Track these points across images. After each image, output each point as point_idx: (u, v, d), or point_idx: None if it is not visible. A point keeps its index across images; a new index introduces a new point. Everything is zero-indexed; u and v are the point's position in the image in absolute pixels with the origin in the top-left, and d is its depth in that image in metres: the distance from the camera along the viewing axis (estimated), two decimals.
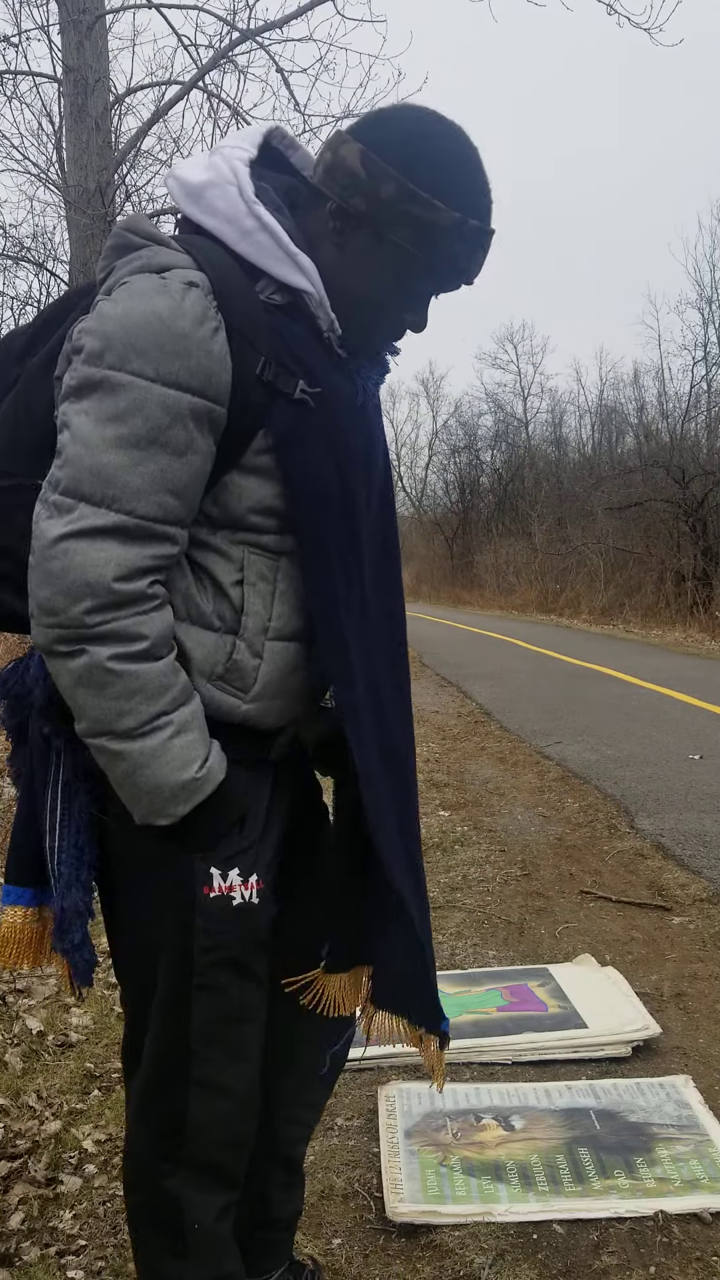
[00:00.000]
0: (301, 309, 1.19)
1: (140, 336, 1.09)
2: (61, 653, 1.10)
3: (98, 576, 1.08)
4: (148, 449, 1.10)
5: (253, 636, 1.21)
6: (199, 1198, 1.29)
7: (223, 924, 1.23)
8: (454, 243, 1.17)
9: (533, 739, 6.79)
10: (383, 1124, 2.17)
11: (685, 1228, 1.84)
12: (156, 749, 1.12)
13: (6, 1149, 2.12)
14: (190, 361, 1.10)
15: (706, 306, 26.30)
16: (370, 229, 1.18)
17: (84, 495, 1.09)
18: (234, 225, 1.17)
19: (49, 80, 8.09)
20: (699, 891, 3.65)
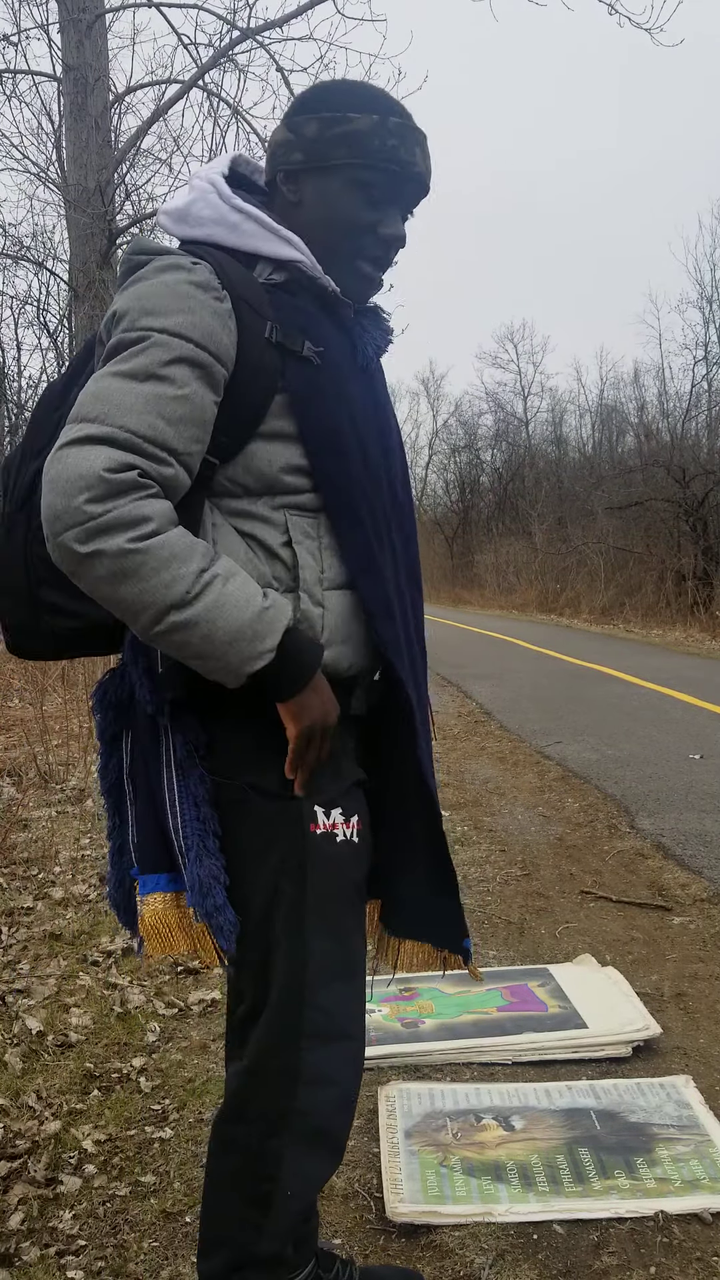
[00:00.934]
0: (299, 282, 1.31)
1: (151, 300, 1.21)
2: (81, 555, 1.13)
3: (88, 468, 1.13)
4: (145, 380, 1.17)
5: (311, 587, 1.29)
6: (300, 1163, 1.33)
7: (331, 859, 1.31)
8: (385, 139, 1.29)
9: (533, 739, 6.78)
10: (383, 1124, 2.17)
11: (685, 1228, 1.84)
12: (217, 599, 1.17)
13: (6, 1149, 2.12)
14: (193, 316, 1.20)
15: (707, 305, 26.36)
16: (315, 169, 1.32)
17: (83, 416, 1.17)
18: (222, 224, 1.30)
19: (49, 79, 8.08)
20: (699, 891, 3.65)
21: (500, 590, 28.17)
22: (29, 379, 15.48)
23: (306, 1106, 1.32)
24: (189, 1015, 2.72)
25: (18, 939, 3.26)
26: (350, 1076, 1.38)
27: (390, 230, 1.34)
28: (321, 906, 1.31)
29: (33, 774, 5.31)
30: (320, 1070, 1.33)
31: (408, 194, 1.34)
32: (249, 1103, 1.35)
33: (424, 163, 1.33)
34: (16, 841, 4.25)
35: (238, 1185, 1.35)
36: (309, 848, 1.30)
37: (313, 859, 1.30)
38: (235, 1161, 1.36)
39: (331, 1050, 1.33)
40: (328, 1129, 1.36)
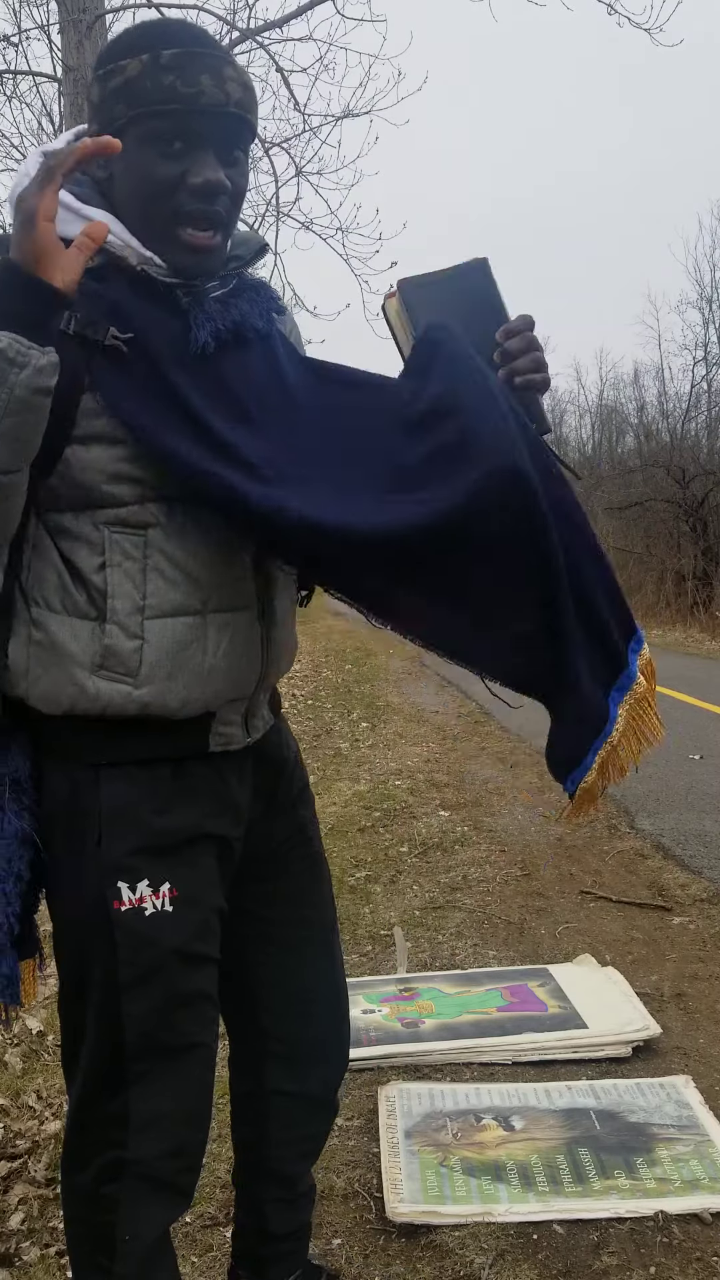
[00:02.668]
0: (116, 265, 1.15)
1: None
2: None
3: None
4: None
5: (125, 618, 1.15)
6: (136, 1207, 1.26)
7: (138, 935, 1.20)
8: (160, 78, 1.10)
9: (533, 739, 6.78)
10: (383, 1124, 2.17)
11: (685, 1228, 1.84)
12: None
13: (6, 1149, 2.12)
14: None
15: (707, 306, 26.28)
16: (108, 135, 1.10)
17: None
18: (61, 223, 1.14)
19: (49, 80, 8.08)
20: (699, 891, 3.65)
21: None
22: None
23: (137, 1155, 1.23)
24: None
25: None
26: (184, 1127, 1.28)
27: (201, 178, 1.13)
28: (135, 985, 1.20)
29: None
30: (149, 1120, 1.23)
31: (210, 130, 1.13)
32: (83, 1150, 1.26)
33: (218, 89, 1.11)
34: None
35: (86, 1233, 1.28)
36: (114, 926, 1.19)
37: (118, 937, 1.19)
38: (78, 1209, 1.29)
39: (161, 1098, 1.24)
40: (165, 1178, 1.26)
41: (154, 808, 1.21)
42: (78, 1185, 1.28)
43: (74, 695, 1.16)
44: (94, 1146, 1.25)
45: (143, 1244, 1.26)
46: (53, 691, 1.17)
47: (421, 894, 3.72)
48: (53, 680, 1.16)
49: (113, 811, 1.19)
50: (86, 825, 1.20)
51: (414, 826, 4.64)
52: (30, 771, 1.22)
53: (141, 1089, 1.23)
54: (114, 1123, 1.23)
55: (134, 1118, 1.23)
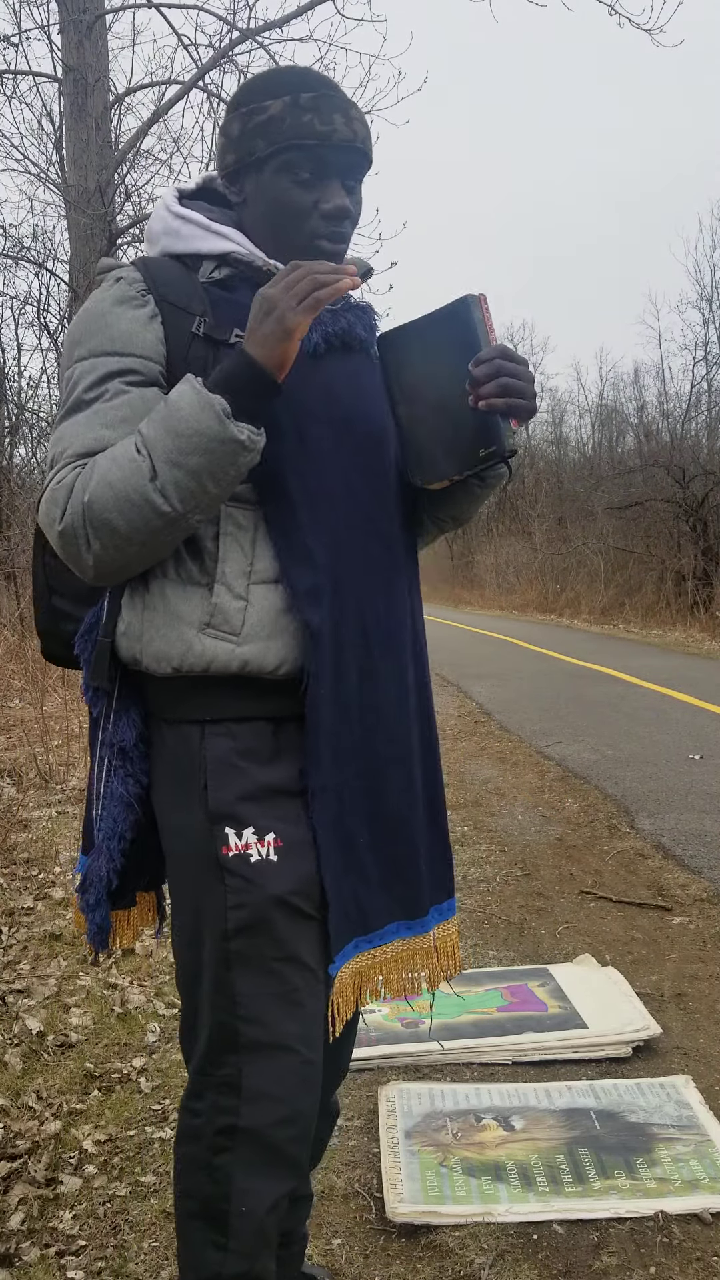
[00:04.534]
0: (240, 274, 1.32)
1: (74, 332, 1.28)
2: (96, 553, 1.20)
3: (50, 494, 1.22)
4: (82, 409, 1.24)
5: (232, 580, 1.26)
6: (251, 1180, 1.29)
7: (245, 879, 1.25)
8: (298, 117, 1.28)
9: (533, 739, 6.78)
10: (383, 1124, 2.17)
11: (685, 1228, 1.84)
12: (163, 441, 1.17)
13: (6, 1149, 2.12)
14: (111, 330, 1.25)
15: (707, 306, 26.33)
16: (246, 166, 1.32)
17: (50, 465, 1.24)
18: (168, 234, 1.34)
19: (49, 80, 8.09)
20: (699, 891, 3.65)
21: (500, 590, 28.16)
22: (29, 379, 15.47)
23: (250, 1124, 1.28)
24: None
25: (18, 939, 3.26)
26: (296, 1093, 1.31)
27: (331, 204, 1.30)
28: (243, 931, 1.26)
29: (33, 774, 5.31)
30: (260, 1086, 1.28)
31: (338, 163, 1.30)
32: (197, 1118, 1.31)
33: (347, 128, 1.29)
34: (16, 841, 4.25)
35: (197, 1206, 1.32)
36: (221, 869, 1.26)
37: (229, 881, 1.26)
38: (192, 1182, 1.32)
39: (273, 1065, 1.28)
40: (276, 1146, 1.30)
41: (257, 760, 1.29)
42: (191, 1157, 1.32)
43: (182, 651, 1.26)
44: (208, 1115, 1.29)
45: (255, 1219, 1.29)
46: (164, 650, 1.26)
47: None
48: (164, 639, 1.26)
49: (217, 761, 1.27)
50: (193, 774, 1.28)
51: None
52: (135, 739, 1.33)
53: (253, 1052, 1.27)
54: (228, 1088, 1.28)
55: (246, 1082, 1.27)
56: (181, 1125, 1.35)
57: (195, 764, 1.28)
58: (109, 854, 1.33)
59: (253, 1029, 1.27)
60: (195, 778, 1.28)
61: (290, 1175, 1.33)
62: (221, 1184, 1.29)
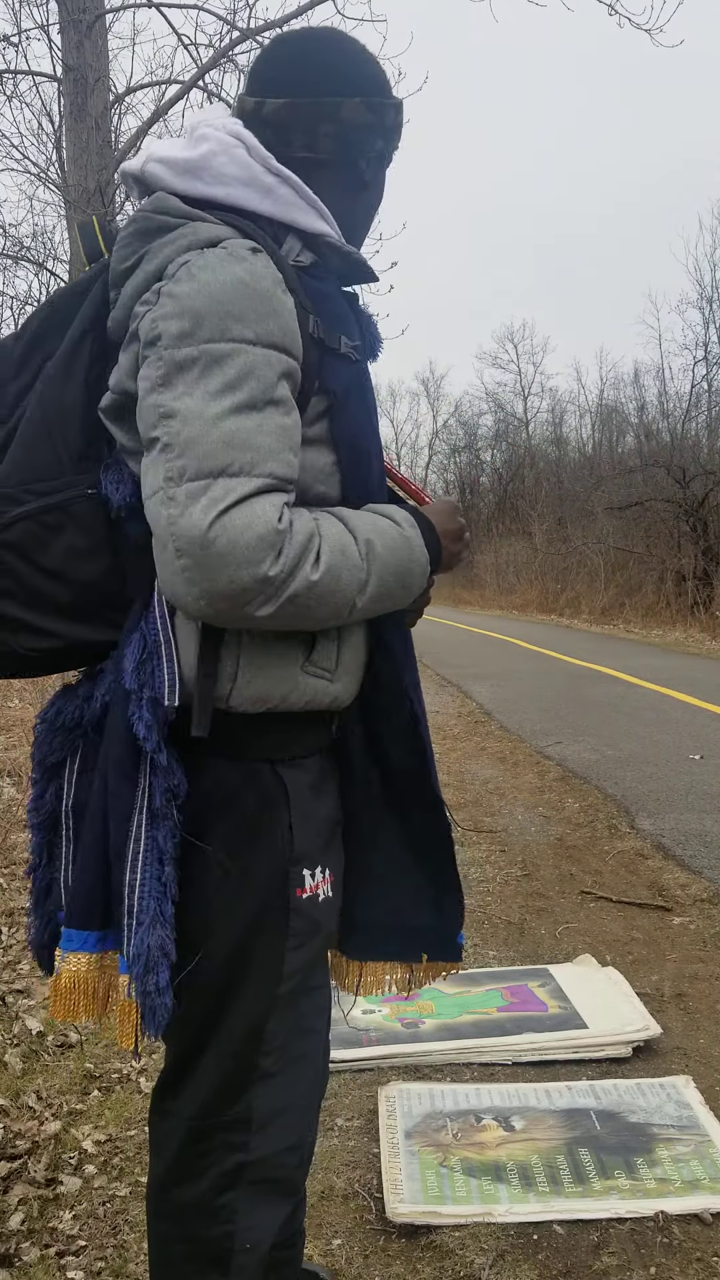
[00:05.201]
0: (326, 263, 1.20)
1: (232, 303, 1.06)
2: (268, 615, 1.06)
3: (265, 527, 1.02)
4: (265, 410, 1.06)
5: None
6: (254, 1215, 1.24)
7: (310, 920, 1.23)
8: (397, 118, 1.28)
9: (533, 739, 6.78)
10: (383, 1124, 2.17)
11: (686, 1228, 1.84)
12: (381, 562, 1.14)
13: (6, 1149, 2.12)
14: (279, 320, 1.08)
15: (707, 306, 26.32)
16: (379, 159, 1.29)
17: (219, 470, 1.03)
18: (253, 186, 1.15)
19: (49, 79, 8.09)
20: (699, 892, 3.65)
21: (500, 590, 28.17)
22: None
23: (259, 1154, 1.23)
24: None
25: (18, 939, 3.26)
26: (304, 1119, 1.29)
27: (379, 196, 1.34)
28: (296, 973, 1.23)
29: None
30: (270, 1113, 1.23)
31: None
32: (198, 1160, 1.23)
33: None
34: (16, 842, 4.25)
35: (196, 1249, 1.24)
36: (292, 912, 1.20)
37: (295, 924, 1.21)
38: (188, 1228, 1.24)
39: (282, 1092, 1.25)
40: (282, 1175, 1.26)
41: (316, 795, 1.25)
42: (188, 1200, 1.24)
43: (286, 691, 1.17)
44: (213, 1154, 1.23)
45: (260, 1252, 1.25)
46: (266, 690, 1.16)
47: None
48: (269, 679, 1.16)
49: (298, 800, 1.21)
50: (264, 813, 1.19)
51: None
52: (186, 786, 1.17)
53: (266, 1084, 1.23)
54: (237, 1125, 1.22)
55: (257, 1115, 1.23)
56: (176, 1170, 1.25)
57: (270, 801, 1.19)
58: (164, 920, 1.13)
59: (269, 1060, 1.23)
60: (268, 817, 1.18)
61: (292, 1200, 1.31)
62: (225, 1223, 1.23)
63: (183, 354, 1.05)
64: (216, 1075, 1.22)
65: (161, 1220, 1.28)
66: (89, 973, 1.17)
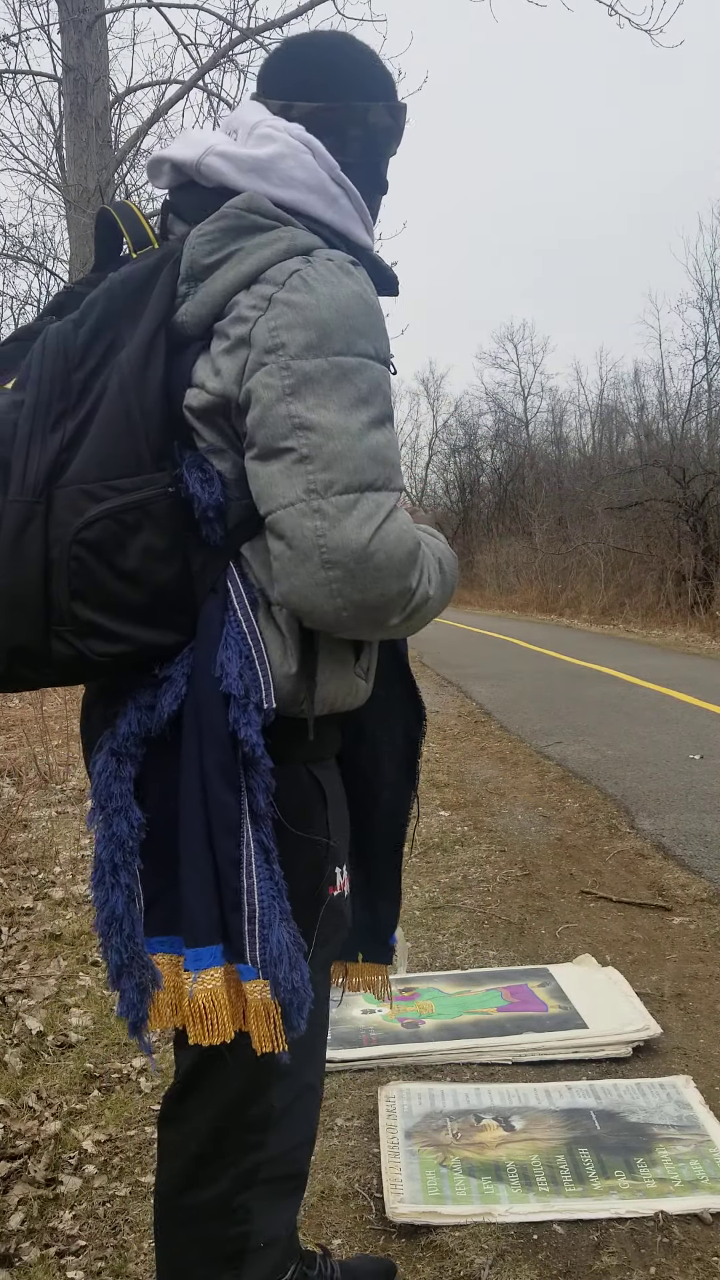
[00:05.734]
0: None
1: (356, 318, 1.09)
2: (396, 625, 1.14)
3: (413, 542, 1.10)
4: (386, 425, 1.11)
5: None
6: (269, 1211, 1.26)
7: (338, 915, 1.28)
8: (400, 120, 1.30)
9: (533, 739, 6.78)
10: (383, 1124, 2.17)
11: (686, 1228, 1.84)
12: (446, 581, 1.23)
13: (6, 1149, 2.12)
14: (386, 337, 1.15)
15: (707, 306, 26.34)
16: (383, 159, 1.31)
17: (367, 484, 1.07)
18: (319, 193, 1.17)
19: (49, 79, 8.09)
20: (699, 891, 3.65)
21: (500, 590, 28.17)
22: None
23: (275, 1151, 1.26)
24: None
25: (18, 939, 3.26)
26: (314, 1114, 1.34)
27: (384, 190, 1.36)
28: (322, 965, 1.28)
29: (33, 774, 5.31)
30: (288, 1109, 1.26)
31: None
32: (216, 1161, 1.25)
33: None
34: (16, 842, 4.25)
35: (208, 1252, 1.26)
36: (326, 909, 1.25)
37: (326, 920, 1.25)
38: (203, 1230, 1.25)
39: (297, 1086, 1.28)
40: (295, 1170, 1.30)
41: (337, 797, 1.29)
42: (203, 1203, 1.25)
43: (346, 693, 1.23)
44: (232, 1155, 1.25)
45: (276, 1249, 1.28)
46: (335, 693, 1.22)
47: (421, 894, 3.72)
48: (337, 682, 1.22)
49: (334, 800, 1.27)
50: (303, 814, 1.21)
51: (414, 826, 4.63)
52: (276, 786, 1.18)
53: (282, 1080, 1.25)
54: (258, 1124, 1.25)
55: (276, 1110, 1.26)
56: (190, 1176, 1.26)
57: (310, 802, 1.22)
58: (285, 916, 1.13)
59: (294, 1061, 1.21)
60: (306, 817, 1.21)
61: (301, 1190, 1.35)
62: (241, 1224, 1.25)
63: (312, 365, 1.06)
64: (244, 1073, 1.22)
65: (174, 1225, 1.29)
66: (225, 988, 1.13)
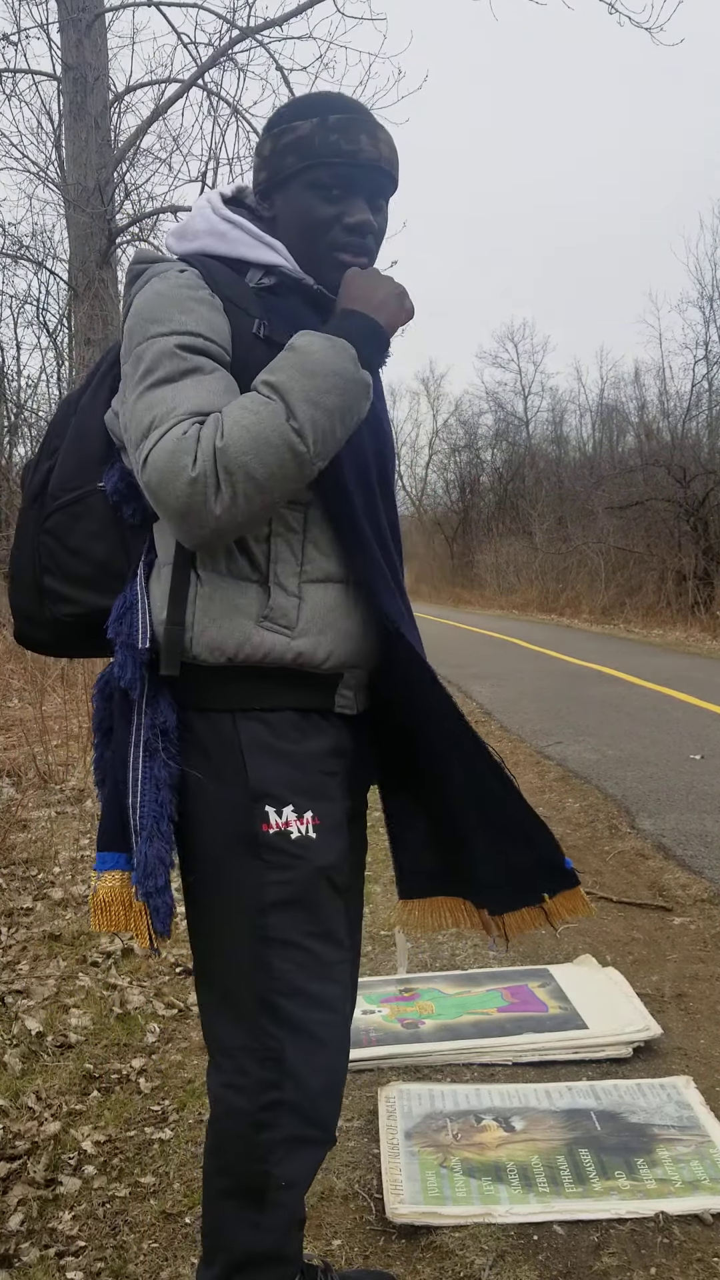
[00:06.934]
0: (286, 284, 1.36)
1: (150, 310, 1.28)
2: (230, 502, 1.18)
3: (172, 442, 1.18)
4: (182, 378, 1.23)
5: (285, 579, 1.32)
6: (291, 1155, 1.33)
7: (286, 853, 1.31)
8: (326, 136, 1.33)
9: (533, 739, 6.78)
10: (383, 1125, 2.17)
11: (686, 1229, 1.84)
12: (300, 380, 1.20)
13: (6, 1150, 2.12)
14: (194, 314, 1.27)
15: (707, 305, 26.34)
16: (277, 183, 1.38)
17: (146, 429, 1.22)
18: (212, 234, 1.38)
19: (48, 78, 8.09)
20: (700, 892, 3.65)
21: (500, 590, 28.17)
22: (28, 379, 15.49)
23: (294, 1097, 1.32)
24: (189, 1016, 2.71)
25: (17, 939, 3.26)
26: (336, 1063, 1.37)
27: (354, 218, 1.36)
28: (282, 905, 1.31)
29: (32, 774, 5.31)
30: (304, 1060, 1.32)
31: (363, 181, 1.36)
32: (236, 1098, 1.34)
33: (373, 148, 1.35)
34: (16, 842, 4.25)
35: (233, 1184, 1.35)
36: (261, 846, 1.31)
37: (268, 856, 1.31)
38: (230, 1160, 1.35)
39: (314, 1037, 1.33)
40: (318, 1117, 1.36)
41: (292, 742, 1.34)
42: (230, 1134, 1.35)
43: (240, 642, 1.30)
44: (251, 1092, 1.32)
45: (296, 1194, 1.35)
46: (220, 640, 1.30)
47: None
48: (221, 630, 1.30)
49: (253, 744, 1.32)
50: (228, 756, 1.32)
51: None
52: (175, 722, 1.33)
53: (295, 1028, 1.31)
54: (272, 1062, 1.31)
55: (290, 1056, 1.31)
56: (222, 1104, 1.36)
57: (229, 747, 1.32)
58: (162, 835, 1.32)
59: (292, 1004, 1.31)
60: (230, 759, 1.31)
61: (326, 1142, 1.39)
62: (262, 1160, 1.32)
63: (126, 368, 1.29)
64: (246, 1006, 1.32)
65: (209, 1155, 1.39)
66: (122, 888, 1.34)
